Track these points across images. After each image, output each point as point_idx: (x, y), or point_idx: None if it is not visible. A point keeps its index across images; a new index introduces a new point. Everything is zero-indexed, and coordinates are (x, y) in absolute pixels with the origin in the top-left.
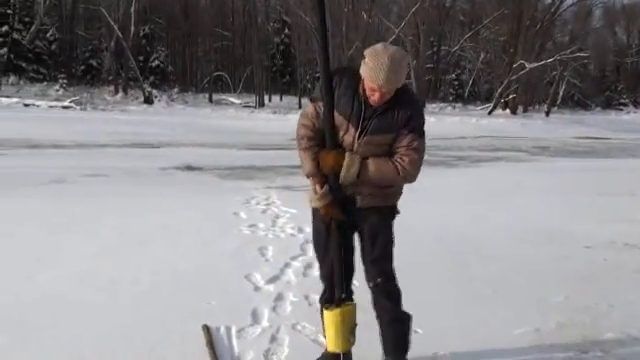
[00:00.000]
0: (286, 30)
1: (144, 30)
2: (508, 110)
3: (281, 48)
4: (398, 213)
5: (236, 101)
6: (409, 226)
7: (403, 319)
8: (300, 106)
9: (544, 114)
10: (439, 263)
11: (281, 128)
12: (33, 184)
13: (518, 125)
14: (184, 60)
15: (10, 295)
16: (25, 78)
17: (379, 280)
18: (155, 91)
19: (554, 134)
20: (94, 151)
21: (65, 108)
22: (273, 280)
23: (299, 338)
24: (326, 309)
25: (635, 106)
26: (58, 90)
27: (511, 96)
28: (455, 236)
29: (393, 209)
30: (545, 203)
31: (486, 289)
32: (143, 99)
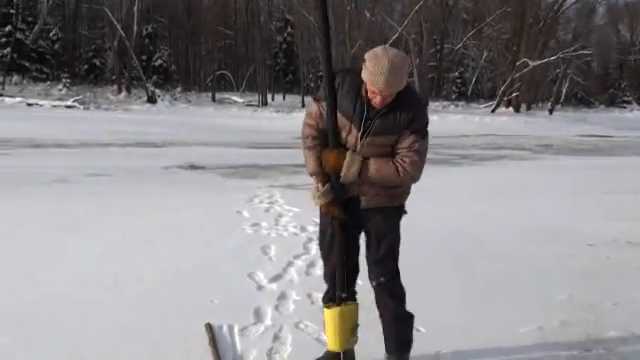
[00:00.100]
0: (289, 29)
1: (147, 29)
2: (511, 108)
3: (284, 47)
4: (405, 213)
5: (239, 100)
6: (412, 225)
7: (405, 318)
8: (303, 105)
9: (547, 112)
10: (442, 262)
11: (284, 127)
12: (36, 183)
13: (521, 123)
14: (187, 59)
15: (13, 295)
16: (28, 78)
17: (382, 279)
18: (158, 90)
19: (557, 132)
20: (97, 150)
21: (68, 107)
22: (276, 279)
23: (302, 337)
24: (327, 308)
25: (639, 104)
26: (61, 89)
27: (514, 94)
28: (459, 235)
29: (399, 209)
30: (548, 201)
31: (490, 287)
32: (146, 98)
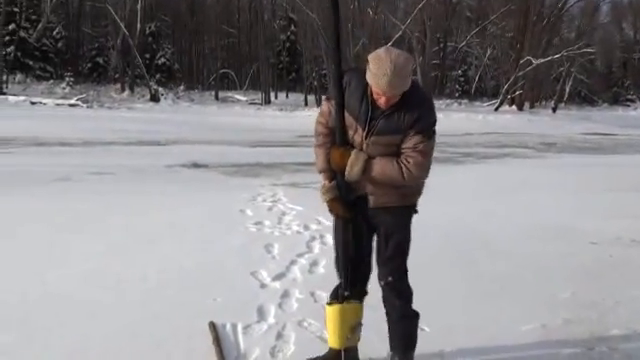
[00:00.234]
0: (292, 27)
1: (150, 28)
2: (515, 106)
3: (287, 45)
4: (416, 212)
5: (242, 98)
6: (416, 223)
7: (411, 317)
8: (306, 103)
9: (551, 110)
10: (446, 260)
11: (287, 125)
12: (39, 182)
13: (525, 121)
14: (190, 58)
15: (16, 294)
16: (32, 76)
17: (390, 279)
18: (161, 89)
19: (561, 130)
20: (100, 149)
21: (72, 106)
22: (279, 277)
23: (305, 335)
24: (328, 304)
25: None
26: (65, 88)
27: (518, 92)
28: (463, 232)
29: (409, 209)
30: (552, 199)
31: (493, 286)
32: (149, 97)
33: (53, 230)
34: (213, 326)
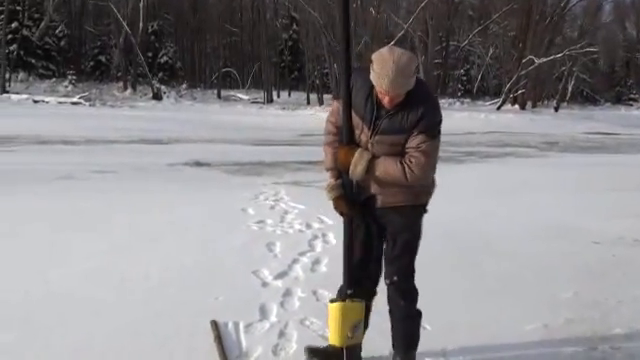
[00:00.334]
0: (294, 26)
1: (153, 26)
2: (517, 105)
3: (289, 44)
4: (425, 212)
5: (244, 97)
6: None
7: (414, 316)
8: (309, 102)
9: (553, 109)
10: (448, 259)
11: (289, 124)
12: (42, 181)
13: (527, 120)
14: (193, 56)
15: (18, 292)
16: (34, 74)
17: (395, 278)
18: (164, 87)
19: (563, 129)
20: (103, 147)
21: (74, 104)
22: (281, 276)
23: (307, 334)
24: (330, 301)
25: None
26: (67, 86)
27: (520, 91)
28: (465, 232)
29: (417, 208)
30: (554, 199)
31: (495, 285)
32: (152, 95)
33: (55, 228)
34: (215, 325)
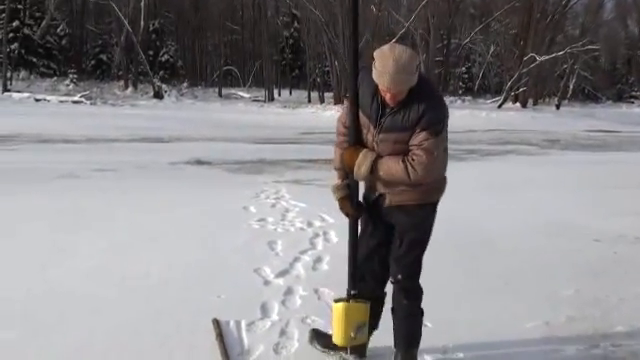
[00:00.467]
0: (295, 24)
1: (154, 24)
2: (518, 103)
3: (290, 42)
4: (435, 210)
5: (245, 95)
6: None
7: (416, 315)
8: (310, 100)
9: (554, 107)
10: (450, 256)
11: (291, 122)
12: (43, 179)
13: (528, 118)
14: (194, 54)
15: (20, 290)
16: (36, 73)
17: (399, 277)
18: (165, 86)
19: (564, 127)
20: (104, 146)
21: (75, 103)
22: (282, 274)
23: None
24: (335, 301)
25: None
26: (68, 85)
27: (521, 89)
28: (466, 229)
29: (426, 207)
30: (556, 196)
31: (496, 282)
32: (153, 94)
33: (56, 227)
34: (217, 323)
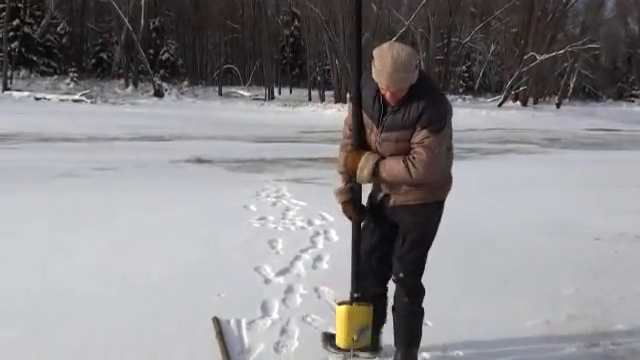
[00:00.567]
0: (296, 22)
1: (154, 23)
2: (519, 102)
3: (291, 41)
4: (440, 209)
5: (246, 94)
6: None
7: (416, 314)
8: (310, 98)
9: (555, 106)
10: (450, 254)
11: (291, 120)
12: (43, 178)
13: (529, 117)
14: (194, 53)
15: (20, 289)
16: (36, 72)
17: (401, 275)
18: (165, 84)
19: (565, 126)
20: (104, 144)
21: (76, 101)
22: (283, 272)
23: (309, 330)
24: (338, 304)
25: None
26: (69, 84)
27: (522, 88)
28: (466, 228)
29: (430, 206)
30: (556, 195)
31: (497, 281)
32: (153, 92)
33: (57, 226)
34: (217, 321)
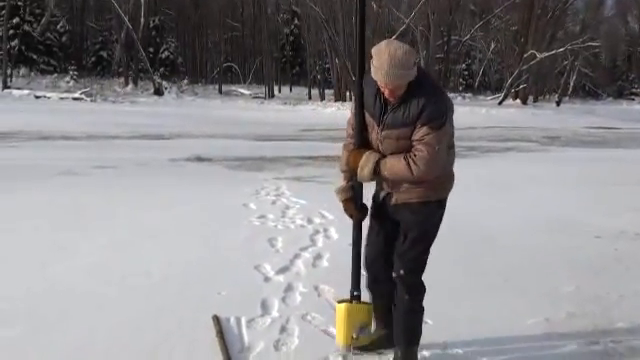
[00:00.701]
0: (296, 21)
1: (154, 21)
2: (519, 100)
3: (291, 39)
4: (441, 207)
5: (246, 92)
6: None
7: (416, 311)
8: (310, 97)
9: (555, 104)
10: (450, 253)
11: (291, 119)
12: (43, 176)
13: (529, 115)
14: (194, 51)
15: (20, 288)
16: (36, 70)
17: (401, 272)
18: (165, 82)
19: (565, 124)
20: (104, 143)
21: (75, 100)
22: (283, 271)
23: (309, 329)
24: (338, 302)
25: None
26: (69, 82)
27: (522, 86)
28: (466, 226)
29: (430, 205)
30: (556, 193)
31: (497, 279)
32: (153, 90)
33: (56, 224)
34: (217, 319)
